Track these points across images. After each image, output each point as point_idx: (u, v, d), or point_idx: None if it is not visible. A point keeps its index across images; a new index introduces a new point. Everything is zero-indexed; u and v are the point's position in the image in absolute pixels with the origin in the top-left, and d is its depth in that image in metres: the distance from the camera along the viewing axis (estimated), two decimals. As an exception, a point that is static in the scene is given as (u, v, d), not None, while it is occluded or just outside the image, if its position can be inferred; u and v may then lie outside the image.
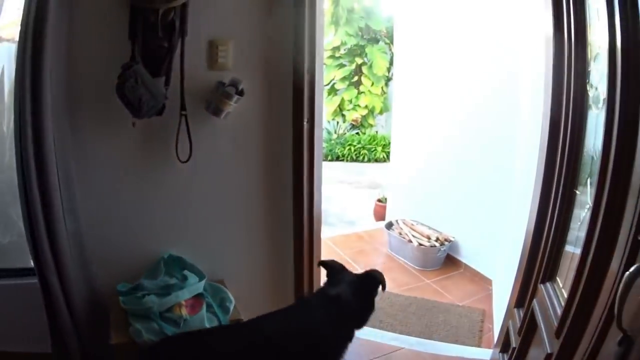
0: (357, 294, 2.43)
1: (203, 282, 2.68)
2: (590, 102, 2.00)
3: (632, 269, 1.24)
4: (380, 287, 2.50)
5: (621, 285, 1.25)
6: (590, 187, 1.92)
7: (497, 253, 4.47)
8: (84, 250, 2.61)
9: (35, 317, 2.52)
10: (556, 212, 2.26)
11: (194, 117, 2.64)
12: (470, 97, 5.03)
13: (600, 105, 1.83)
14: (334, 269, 2.61)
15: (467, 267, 5.17)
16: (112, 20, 2.46)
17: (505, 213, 4.14)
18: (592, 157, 1.94)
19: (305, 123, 2.80)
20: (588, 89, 2.02)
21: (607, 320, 1.46)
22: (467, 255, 5.21)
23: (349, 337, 2.39)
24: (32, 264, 2.43)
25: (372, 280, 2.51)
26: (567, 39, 2.12)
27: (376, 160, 11.63)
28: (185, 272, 2.71)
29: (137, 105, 2.40)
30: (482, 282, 4.88)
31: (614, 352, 1.32)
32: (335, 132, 12.43)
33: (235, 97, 2.61)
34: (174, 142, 2.62)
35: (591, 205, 1.75)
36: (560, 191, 2.22)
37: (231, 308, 2.63)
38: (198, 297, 2.60)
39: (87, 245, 2.63)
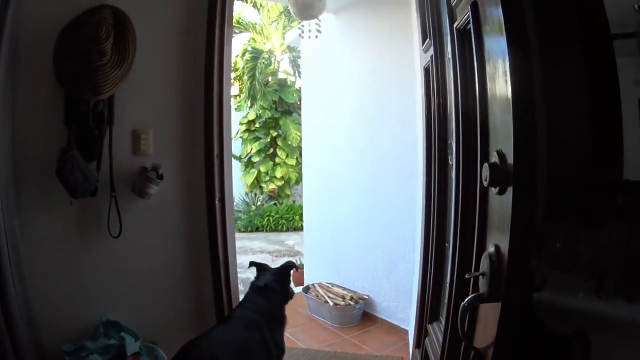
0: (278, 279, 3.24)
1: (139, 342, 2.87)
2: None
3: (466, 300, 1.60)
4: (293, 269, 3.41)
5: (459, 313, 1.61)
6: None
7: (410, 305, 4.71)
8: (31, 313, 2.72)
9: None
10: (433, 263, 2.70)
11: (123, 198, 2.93)
12: (372, 161, 5.39)
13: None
14: (260, 267, 3.41)
15: (383, 321, 5.36)
16: (50, 107, 2.74)
17: (412, 267, 4.49)
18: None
19: (217, 202, 3.11)
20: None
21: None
22: (382, 310, 5.41)
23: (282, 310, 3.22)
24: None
25: (287, 267, 3.38)
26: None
27: (295, 229, 11.81)
28: (122, 334, 2.89)
29: (74, 187, 2.66)
30: (399, 333, 5.06)
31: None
32: (254, 204, 12.61)
33: (157, 181, 2.93)
34: (106, 219, 2.89)
35: (450, 257, 2.18)
36: (434, 246, 2.67)
37: (165, 364, 2.87)
38: (136, 355, 2.80)
39: (34, 309, 2.76)
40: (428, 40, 2.54)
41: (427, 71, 2.71)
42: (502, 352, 1.41)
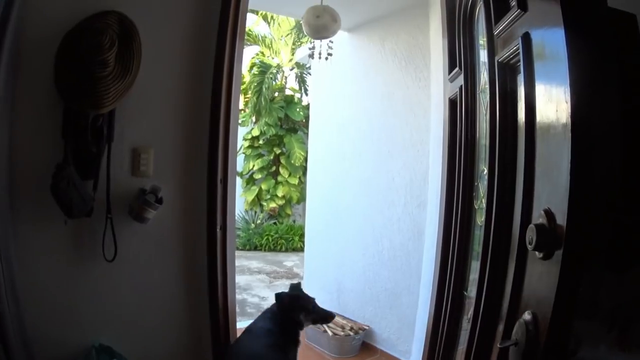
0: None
1: (132, 367, 2.73)
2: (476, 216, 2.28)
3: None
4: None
5: None
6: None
7: (412, 338, 4.60)
8: (25, 331, 2.61)
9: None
10: (449, 310, 2.50)
11: (119, 220, 2.77)
12: (380, 188, 5.25)
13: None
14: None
15: (383, 352, 5.23)
16: (49, 118, 2.60)
17: (416, 300, 4.36)
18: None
19: (218, 230, 2.96)
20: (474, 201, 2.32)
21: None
22: (382, 342, 5.28)
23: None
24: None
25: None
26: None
27: (294, 250, 11.66)
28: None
29: (68, 206, 2.51)
30: (398, 365, 4.93)
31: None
32: (253, 222, 12.44)
33: (155, 205, 2.77)
34: (101, 241, 2.74)
35: (474, 302, 1.99)
36: (451, 292, 2.47)
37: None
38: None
39: (28, 328, 2.64)
40: (457, 69, 2.36)
41: (452, 102, 2.52)
42: None
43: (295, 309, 3.31)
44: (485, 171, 1.87)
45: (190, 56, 2.96)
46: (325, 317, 3.52)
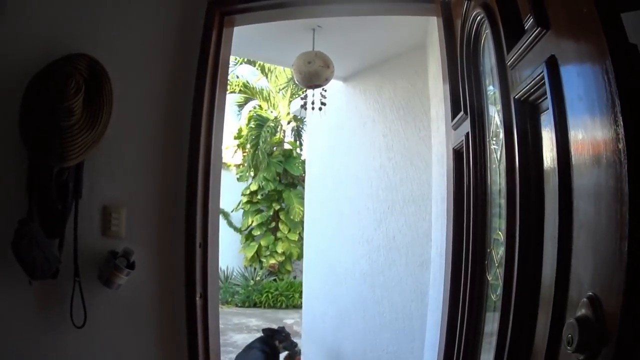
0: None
1: None
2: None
3: None
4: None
5: None
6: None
7: None
8: None
9: None
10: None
11: (88, 284, 2.51)
12: (380, 247, 5.05)
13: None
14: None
15: None
16: (13, 170, 2.44)
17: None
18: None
19: (197, 299, 2.67)
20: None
21: None
22: None
23: None
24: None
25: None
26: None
27: (294, 307, 11.36)
28: None
29: (30, 267, 2.30)
30: None
31: None
32: (252, 279, 12.26)
33: (126, 270, 2.50)
34: (69, 306, 2.48)
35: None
36: None
37: None
38: None
39: None
40: (461, 113, 2.05)
41: (457, 153, 2.22)
42: None
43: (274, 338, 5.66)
44: (502, 237, 1.55)
45: (167, 107, 2.73)
46: (292, 345, 5.79)
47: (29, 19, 2.58)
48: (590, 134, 0.94)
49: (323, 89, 4.48)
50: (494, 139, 1.75)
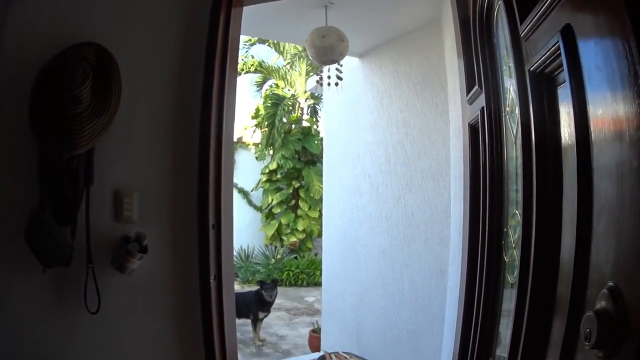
0: None
1: None
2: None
3: None
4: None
5: None
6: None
7: None
8: None
9: None
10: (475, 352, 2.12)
11: (101, 270, 2.50)
12: (399, 223, 5.01)
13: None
14: None
15: None
16: (26, 160, 2.41)
17: (440, 342, 4.03)
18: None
19: (212, 280, 2.65)
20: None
21: None
22: None
23: None
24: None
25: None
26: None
27: (315, 284, 11.34)
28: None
29: (43, 255, 2.30)
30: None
31: None
32: (273, 257, 12.25)
33: (139, 254, 2.48)
34: (83, 292, 2.48)
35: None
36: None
37: None
38: None
39: None
40: (476, 87, 1.97)
41: (473, 128, 2.14)
42: None
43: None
44: (519, 217, 1.48)
45: (177, 89, 2.70)
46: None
47: (36, 11, 2.53)
48: (611, 108, 0.87)
49: (339, 64, 4.39)
50: (511, 113, 1.67)
